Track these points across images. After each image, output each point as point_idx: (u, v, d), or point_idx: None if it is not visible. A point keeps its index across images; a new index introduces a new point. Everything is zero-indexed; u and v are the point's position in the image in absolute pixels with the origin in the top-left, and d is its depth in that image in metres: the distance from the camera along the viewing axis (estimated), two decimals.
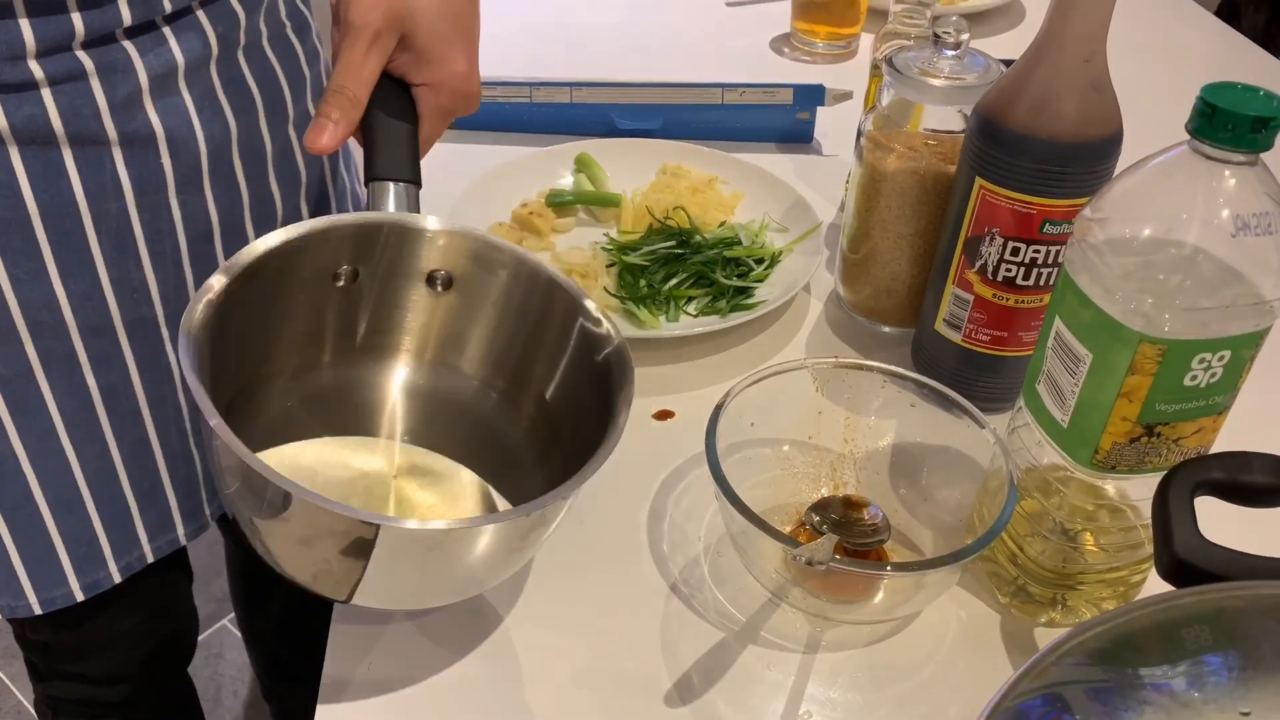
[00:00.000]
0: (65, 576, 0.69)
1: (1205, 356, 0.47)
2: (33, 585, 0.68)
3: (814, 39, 1.23)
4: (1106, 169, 0.60)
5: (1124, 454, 0.51)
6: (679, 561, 0.60)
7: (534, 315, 0.57)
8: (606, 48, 1.22)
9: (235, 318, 0.50)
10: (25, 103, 0.55)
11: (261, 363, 0.56)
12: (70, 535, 0.68)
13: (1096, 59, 0.57)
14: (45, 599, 0.69)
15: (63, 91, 0.56)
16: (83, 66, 0.56)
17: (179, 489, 0.72)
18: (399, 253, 0.56)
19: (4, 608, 0.69)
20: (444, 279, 0.57)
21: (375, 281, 0.55)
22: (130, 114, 0.59)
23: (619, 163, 0.93)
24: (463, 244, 0.57)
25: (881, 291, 0.76)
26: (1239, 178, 0.45)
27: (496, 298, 0.57)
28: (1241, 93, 0.44)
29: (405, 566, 0.47)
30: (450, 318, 0.58)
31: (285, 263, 0.52)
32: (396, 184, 0.57)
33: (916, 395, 0.60)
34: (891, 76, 0.70)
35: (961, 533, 0.58)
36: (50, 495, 0.66)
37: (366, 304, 0.56)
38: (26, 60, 0.54)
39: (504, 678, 0.54)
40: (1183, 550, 0.44)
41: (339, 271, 0.55)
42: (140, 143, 0.60)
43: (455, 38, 0.59)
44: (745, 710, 0.53)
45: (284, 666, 1.17)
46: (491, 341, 0.59)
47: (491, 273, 0.57)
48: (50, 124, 0.56)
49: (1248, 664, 0.39)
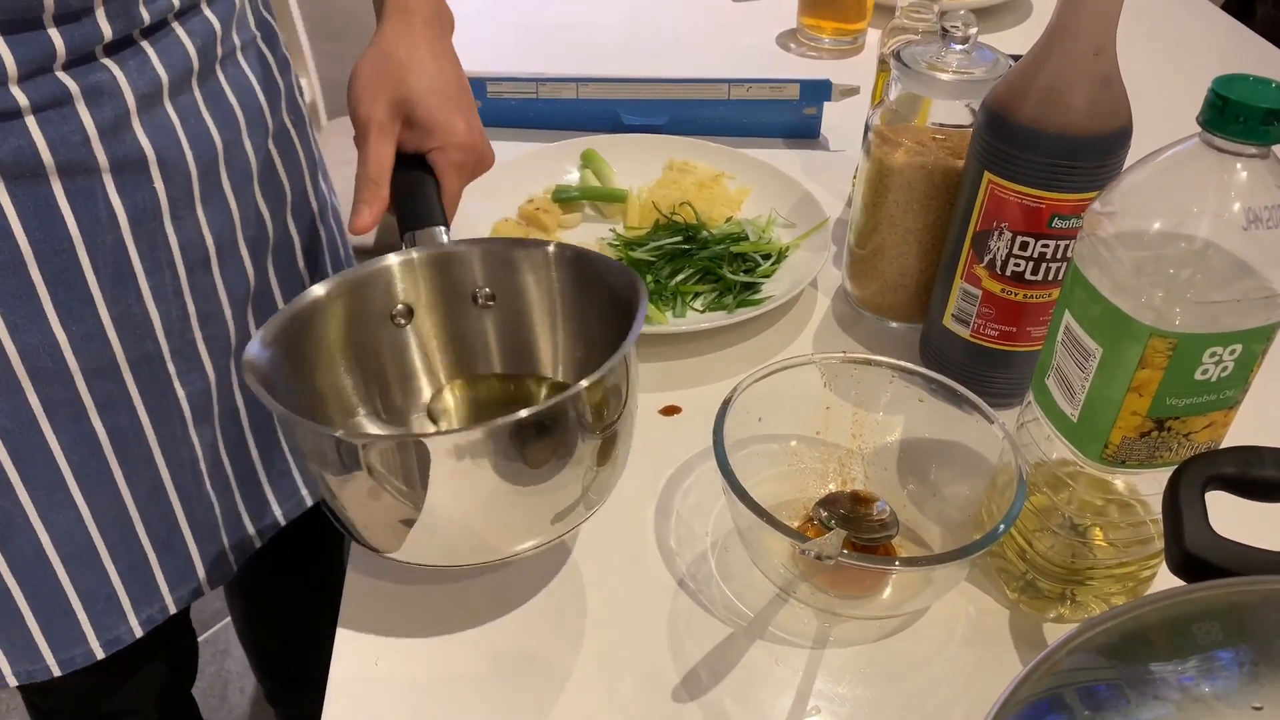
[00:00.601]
0: (84, 635, 0.67)
1: (1216, 350, 0.47)
2: (50, 646, 0.66)
3: (820, 34, 1.23)
4: (1116, 163, 0.60)
5: (1134, 449, 0.50)
6: (686, 557, 0.60)
7: (570, 292, 0.60)
8: (612, 44, 1.22)
9: (295, 358, 0.54)
10: (11, 134, 0.53)
11: (330, 403, 0.58)
12: (87, 592, 0.66)
13: (1106, 52, 0.57)
14: (64, 659, 0.67)
15: (48, 119, 0.54)
16: (67, 90, 0.54)
17: (198, 534, 0.71)
18: (439, 281, 0.60)
19: (20, 673, 0.66)
20: (487, 295, 0.61)
21: (428, 313, 0.60)
22: (119, 138, 0.57)
23: (625, 158, 0.93)
24: (491, 255, 0.60)
25: (889, 287, 0.76)
26: (1250, 170, 0.45)
27: (535, 293, 0.60)
28: (1253, 85, 0.44)
29: (465, 491, 0.48)
30: (501, 327, 0.62)
31: (341, 305, 0.56)
32: (425, 229, 0.62)
33: (925, 390, 0.60)
34: (899, 71, 0.70)
35: (970, 528, 0.58)
36: (64, 551, 0.64)
37: (426, 335, 0.61)
38: (8, 86, 0.52)
39: (511, 674, 0.54)
40: (1193, 545, 0.44)
41: (394, 313, 0.60)
42: (131, 167, 0.58)
43: (449, 107, 0.65)
44: (753, 706, 0.53)
45: (284, 669, 1.17)
46: (544, 335, 0.62)
47: (524, 272, 0.60)
48: (39, 155, 0.54)
49: (1259, 659, 0.39)
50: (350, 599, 0.57)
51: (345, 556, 0.60)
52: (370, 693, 0.53)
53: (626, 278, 0.56)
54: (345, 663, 0.54)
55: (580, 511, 0.53)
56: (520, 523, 0.52)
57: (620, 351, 0.50)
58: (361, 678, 0.53)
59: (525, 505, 0.51)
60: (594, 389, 0.49)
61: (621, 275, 0.57)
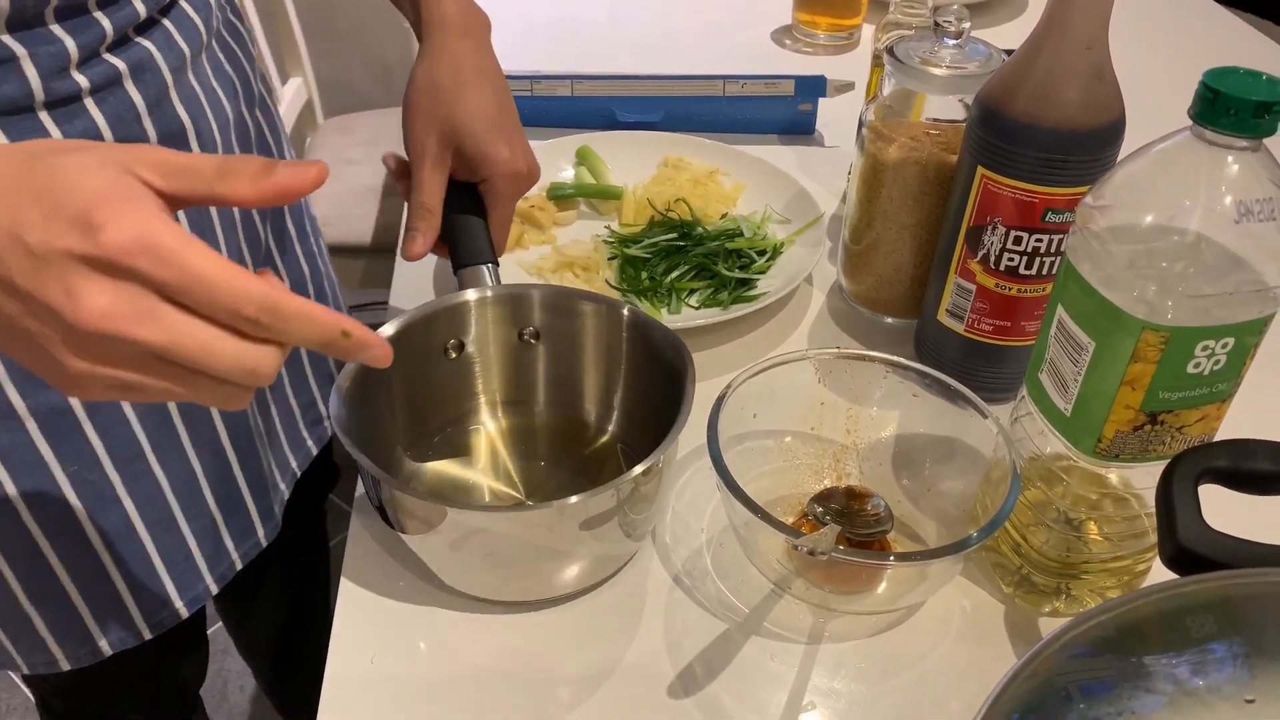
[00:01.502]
0: (169, 597, 0.69)
1: (1209, 344, 0.47)
2: (141, 612, 0.68)
3: (815, 30, 1.22)
4: (1109, 157, 0.60)
5: (1127, 442, 0.50)
6: (682, 553, 0.60)
7: (610, 342, 0.64)
8: (607, 41, 1.22)
9: (366, 398, 0.58)
10: (76, 116, 0.56)
11: (391, 433, 0.62)
12: (168, 555, 0.68)
13: (1098, 46, 0.57)
14: (153, 623, 0.69)
15: (103, 99, 0.57)
16: (116, 70, 0.57)
17: (254, 490, 0.73)
18: (492, 320, 0.64)
19: (114, 642, 0.68)
20: (533, 333, 0.65)
21: (478, 348, 0.65)
22: (163, 111, 0.60)
23: (620, 155, 0.93)
24: (543, 299, 0.64)
25: (884, 282, 0.76)
26: (1242, 163, 0.45)
27: (579, 337, 0.65)
28: (1244, 78, 0.44)
29: (537, 548, 0.53)
30: (544, 364, 0.66)
31: (402, 345, 0.59)
32: (478, 266, 0.66)
33: (919, 385, 0.60)
34: (893, 66, 0.70)
35: (965, 523, 0.58)
36: (147, 518, 0.66)
37: (474, 368, 0.65)
38: (70, 71, 0.55)
39: (506, 671, 0.54)
40: (1187, 538, 0.44)
41: (448, 346, 0.63)
42: (173, 139, 0.61)
43: (497, 135, 0.67)
44: (748, 702, 0.53)
45: (282, 670, 1.17)
46: (584, 376, 0.66)
47: (571, 317, 0.64)
48: (101, 135, 0.57)
49: (1252, 652, 0.39)
50: (344, 598, 0.57)
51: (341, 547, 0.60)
52: (365, 692, 0.53)
53: (675, 344, 0.60)
54: (340, 661, 0.54)
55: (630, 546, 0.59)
56: (580, 568, 0.57)
57: (675, 429, 0.54)
58: (356, 677, 0.53)
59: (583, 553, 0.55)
60: (650, 473, 0.53)
61: (670, 341, 0.60)
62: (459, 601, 0.57)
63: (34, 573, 0.64)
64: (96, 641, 0.68)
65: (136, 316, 0.36)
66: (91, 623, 0.67)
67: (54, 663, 0.68)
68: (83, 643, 0.67)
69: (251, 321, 0.37)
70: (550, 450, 0.67)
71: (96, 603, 0.66)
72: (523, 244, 0.85)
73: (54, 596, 0.65)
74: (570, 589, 0.57)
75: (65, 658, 0.68)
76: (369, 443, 0.55)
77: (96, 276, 0.35)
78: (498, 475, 0.64)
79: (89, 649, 0.68)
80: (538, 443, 0.67)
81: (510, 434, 0.67)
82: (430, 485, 0.63)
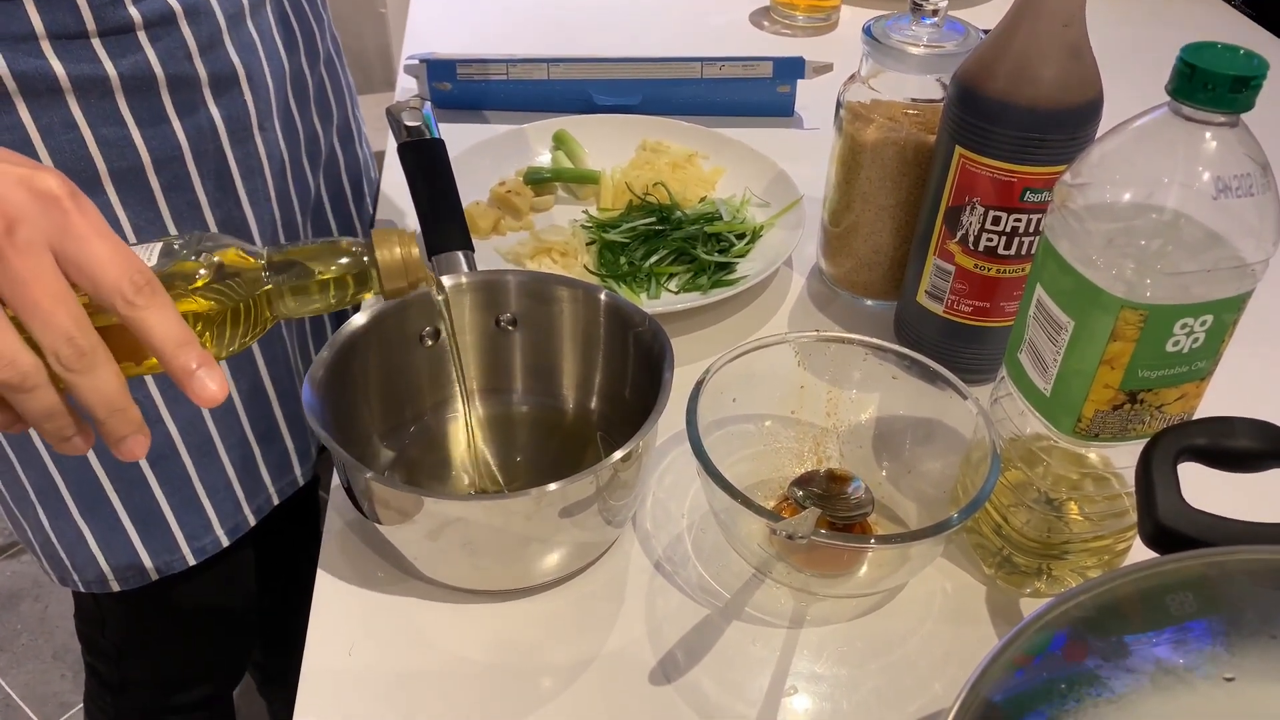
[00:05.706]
0: (210, 523, 0.71)
1: (1187, 321, 0.47)
2: (184, 536, 0.71)
3: (794, 12, 1.22)
4: (1087, 135, 0.59)
5: (1107, 421, 0.50)
6: (662, 539, 0.60)
7: (588, 328, 0.63)
8: (584, 23, 1.21)
9: (341, 386, 0.57)
10: (128, 49, 0.58)
11: (367, 423, 0.62)
12: (209, 482, 0.71)
13: (1075, 24, 0.56)
14: (196, 548, 0.71)
15: (157, 35, 0.59)
16: (171, 9, 0.59)
17: (292, 428, 0.75)
18: (469, 307, 0.63)
19: (160, 565, 0.71)
20: (510, 319, 0.64)
21: (454, 335, 0.63)
22: (215, 54, 0.63)
23: (598, 139, 0.92)
24: (520, 285, 0.63)
25: (863, 264, 0.75)
26: (1220, 139, 0.44)
27: (557, 323, 0.64)
28: (1221, 52, 0.43)
29: (510, 536, 0.53)
30: (522, 351, 0.65)
31: (376, 333, 0.60)
32: (446, 254, 0.66)
33: (899, 368, 0.60)
34: (869, 45, 0.69)
35: (945, 505, 0.58)
36: (188, 440, 0.69)
37: (450, 355, 0.63)
38: (124, 3, 0.57)
39: (487, 661, 0.53)
40: (1166, 517, 0.43)
41: (423, 334, 0.62)
42: (225, 81, 0.64)
43: None
44: (731, 686, 0.53)
45: (274, 665, 1.16)
46: (562, 362, 0.65)
47: (549, 303, 0.63)
48: (152, 69, 0.59)
49: (1232, 630, 0.39)
50: (321, 590, 0.57)
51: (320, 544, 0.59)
52: (343, 684, 0.52)
53: (653, 329, 0.59)
54: (317, 654, 0.53)
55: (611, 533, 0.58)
56: (562, 554, 0.56)
57: (654, 414, 0.53)
58: (334, 669, 0.53)
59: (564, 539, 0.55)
60: (629, 459, 0.52)
61: (649, 326, 0.60)
62: (438, 591, 0.56)
63: (84, 484, 0.67)
64: (143, 562, 0.70)
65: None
66: (138, 541, 0.70)
67: (105, 581, 0.71)
68: (130, 563, 0.70)
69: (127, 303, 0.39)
70: (529, 437, 0.66)
71: (143, 524, 0.70)
72: (499, 229, 0.84)
73: (103, 511, 0.68)
74: (550, 577, 0.57)
75: (115, 578, 0.71)
76: (344, 432, 0.55)
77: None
78: (476, 463, 0.64)
79: (135, 569, 0.71)
80: (516, 430, 0.66)
81: (488, 422, 0.66)
82: (407, 475, 0.63)
